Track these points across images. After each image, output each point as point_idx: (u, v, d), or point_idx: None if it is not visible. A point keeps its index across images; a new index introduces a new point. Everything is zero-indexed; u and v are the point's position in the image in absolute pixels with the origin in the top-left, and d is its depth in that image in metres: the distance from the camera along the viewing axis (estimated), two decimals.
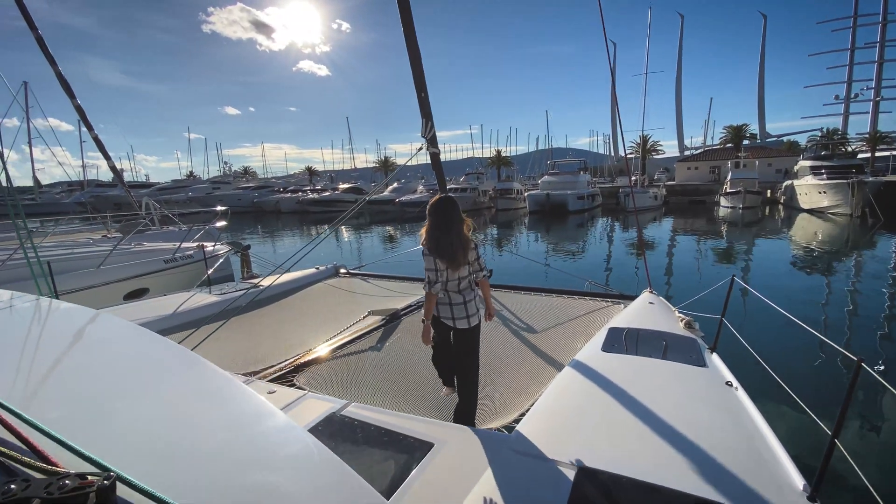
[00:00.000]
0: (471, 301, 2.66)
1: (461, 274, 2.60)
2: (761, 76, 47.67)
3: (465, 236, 2.60)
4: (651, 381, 2.66)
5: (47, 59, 12.02)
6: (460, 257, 2.54)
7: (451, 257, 2.52)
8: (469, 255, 2.60)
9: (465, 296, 2.63)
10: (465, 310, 2.63)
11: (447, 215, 2.57)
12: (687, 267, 14.23)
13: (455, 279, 2.59)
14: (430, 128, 4.98)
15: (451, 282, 2.60)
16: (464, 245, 2.56)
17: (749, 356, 3.09)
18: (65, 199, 47.73)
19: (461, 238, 2.57)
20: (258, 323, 4.83)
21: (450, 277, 2.58)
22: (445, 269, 2.55)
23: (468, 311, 2.64)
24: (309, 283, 6.39)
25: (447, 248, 2.51)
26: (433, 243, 2.54)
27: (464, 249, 2.56)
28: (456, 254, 2.52)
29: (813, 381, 5.46)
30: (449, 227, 2.56)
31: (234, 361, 3.70)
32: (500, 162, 64.13)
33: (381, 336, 4.31)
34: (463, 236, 2.59)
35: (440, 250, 2.52)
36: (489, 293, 2.88)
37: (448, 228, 2.56)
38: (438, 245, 2.53)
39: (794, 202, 30.63)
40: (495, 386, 3.34)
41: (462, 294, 2.63)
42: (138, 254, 7.70)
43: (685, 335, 3.36)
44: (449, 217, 2.57)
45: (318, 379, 3.36)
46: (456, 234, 2.55)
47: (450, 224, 2.56)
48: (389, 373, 3.60)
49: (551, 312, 4.84)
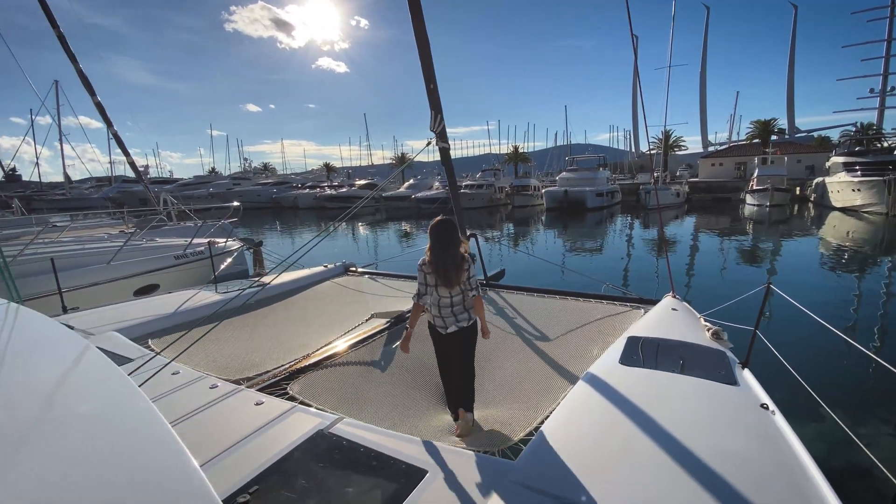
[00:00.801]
0: (461, 313, 2.80)
1: (453, 292, 2.75)
2: (791, 69, 45.85)
3: (459, 256, 2.75)
4: (675, 402, 2.39)
5: (68, 56, 12.20)
6: (453, 276, 2.71)
7: (445, 276, 2.70)
8: (462, 276, 2.73)
9: (454, 309, 2.79)
10: (462, 317, 2.80)
11: (445, 237, 2.74)
12: (712, 269, 13.64)
13: (447, 296, 2.75)
14: (440, 121, 4.76)
15: (444, 298, 2.76)
16: (457, 265, 2.72)
17: (785, 373, 2.79)
18: (93, 194, 48.99)
19: (456, 259, 2.72)
20: (259, 323, 4.68)
21: (441, 294, 2.75)
22: (436, 286, 2.74)
23: (462, 318, 2.80)
24: (316, 281, 6.23)
25: (442, 268, 2.70)
26: (432, 261, 2.73)
27: (457, 270, 2.71)
28: (449, 272, 2.70)
29: (858, 402, 5.00)
30: (446, 247, 2.72)
31: (228, 366, 3.54)
32: (517, 158, 63.45)
33: (383, 341, 4.10)
34: (458, 256, 2.74)
35: (436, 268, 2.71)
36: (483, 312, 2.95)
37: (445, 248, 2.72)
38: (438, 265, 2.71)
39: (826, 200, 29.52)
40: (503, 398, 3.11)
41: (454, 308, 2.78)
42: (149, 250, 7.69)
43: (713, 347, 3.06)
44: (446, 239, 2.73)
45: (313, 388, 3.15)
46: (451, 254, 2.72)
47: (447, 245, 2.73)
48: (388, 383, 3.38)
49: (565, 317, 4.57)
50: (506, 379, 3.37)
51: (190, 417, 2.34)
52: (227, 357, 3.71)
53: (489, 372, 3.50)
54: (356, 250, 20.13)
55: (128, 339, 3.79)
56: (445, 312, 2.78)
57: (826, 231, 20.81)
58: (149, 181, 58.07)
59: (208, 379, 2.82)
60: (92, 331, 3.91)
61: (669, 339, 3.20)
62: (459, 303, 2.79)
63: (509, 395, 3.15)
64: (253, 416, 2.33)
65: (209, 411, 2.40)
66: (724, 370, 2.71)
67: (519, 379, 3.35)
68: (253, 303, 5.17)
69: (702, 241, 19.42)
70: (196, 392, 2.64)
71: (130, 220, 11.91)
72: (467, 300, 2.81)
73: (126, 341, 3.64)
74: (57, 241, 8.12)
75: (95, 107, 13.15)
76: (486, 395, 3.17)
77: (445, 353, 2.89)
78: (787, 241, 18.29)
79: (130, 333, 3.98)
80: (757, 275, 12.52)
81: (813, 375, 2.74)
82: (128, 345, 3.54)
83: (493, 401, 3.11)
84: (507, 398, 3.12)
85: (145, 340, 3.92)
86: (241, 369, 3.42)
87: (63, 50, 12.11)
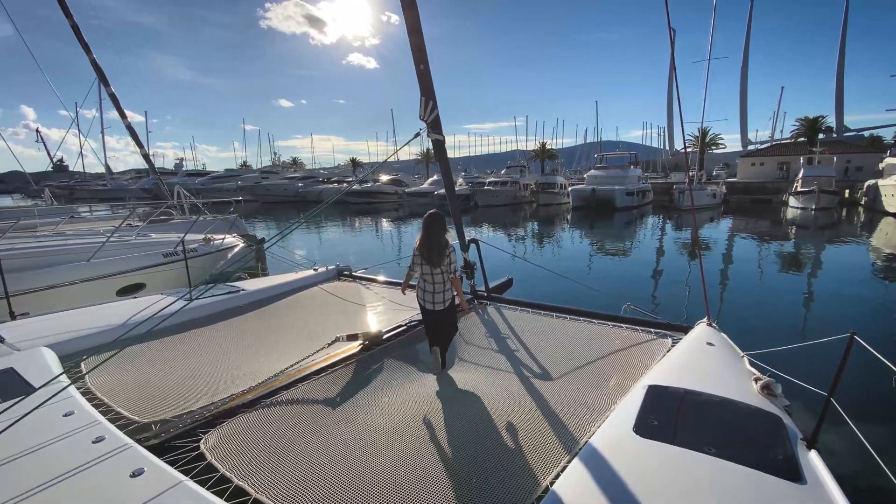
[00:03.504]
0: (439, 293, 3.46)
1: (435, 271, 3.43)
2: (841, 63, 42.69)
3: (443, 243, 3.43)
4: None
5: (82, 46, 12.06)
6: (435, 258, 3.39)
7: (429, 257, 3.40)
8: (443, 259, 3.41)
9: (435, 287, 3.45)
10: (438, 297, 3.46)
11: (432, 227, 3.45)
12: (751, 281, 11.93)
13: (429, 274, 3.45)
14: (432, 109, 4.06)
15: (427, 276, 3.46)
16: (440, 250, 3.41)
17: (864, 456, 2.00)
18: (132, 185, 50.39)
19: (440, 245, 3.42)
20: (213, 341, 3.99)
21: (425, 272, 3.46)
22: (421, 265, 3.46)
23: (438, 298, 3.46)
24: (302, 287, 5.63)
25: (426, 251, 3.42)
26: (422, 246, 3.44)
27: (439, 253, 3.40)
28: (432, 255, 3.40)
29: None
30: (432, 235, 3.43)
31: (144, 403, 2.85)
32: (544, 154, 61.82)
33: (348, 373, 3.37)
34: (442, 243, 3.43)
35: (422, 250, 3.43)
36: (460, 289, 3.90)
37: (431, 236, 3.43)
38: (423, 248, 3.42)
39: (878, 204, 27.41)
40: (484, 468, 2.25)
41: (435, 286, 3.45)
42: (137, 246, 7.25)
43: (763, 409, 2.28)
44: (433, 228, 3.44)
45: (234, 444, 2.41)
46: (436, 241, 3.42)
47: (433, 233, 3.44)
48: (339, 441, 2.48)
49: (576, 346, 3.81)
50: (487, 444, 2.52)
51: (32, 495, 1.73)
52: (151, 388, 3.07)
53: (475, 418, 2.76)
54: (382, 245, 19.70)
55: (58, 356, 3.27)
56: (429, 289, 3.46)
57: (877, 237, 19.14)
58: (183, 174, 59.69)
59: (96, 428, 2.21)
60: (21, 345, 3.40)
61: (703, 392, 2.43)
62: (441, 282, 3.45)
63: (492, 464, 2.33)
64: (113, 497, 1.72)
65: (65, 484, 1.80)
66: (782, 452, 1.94)
67: (511, 432, 2.59)
68: (222, 312, 4.62)
69: (740, 246, 18.02)
70: (71, 449, 2.05)
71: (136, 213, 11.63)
72: (447, 282, 3.47)
73: (49, 361, 3.10)
74: (42, 236, 7.85)
75: (110, 98, 13.04)
76: (465, 456, 2.42)
77: (433, 321, 3.55)
78: (835, 247, 16.76)
79: (65, 349, 3.46)
80: (804, 287, 11.31)
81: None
82: (46, 367, 3.00)
83: (471, 469, 2.29)
84: (487, 471, 2.28)
85: (79, 358, 3.38)
86: (156, 408, 2.77)
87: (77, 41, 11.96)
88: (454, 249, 3.49)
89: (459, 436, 2.54)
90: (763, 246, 17.84)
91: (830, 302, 9.52)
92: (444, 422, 2.70)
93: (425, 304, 3.47)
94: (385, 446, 2.43)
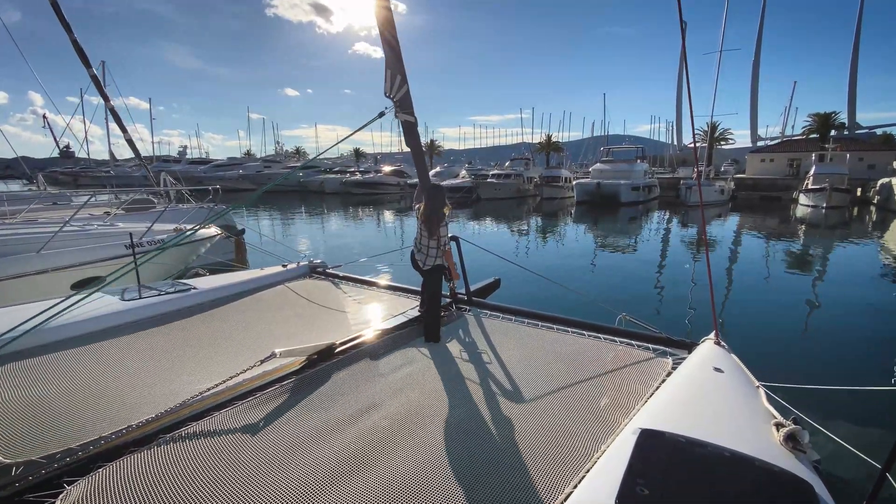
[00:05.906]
0: (430, 258, 3.83)
1: (431, 242, 3.80)
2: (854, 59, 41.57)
3: (441, 215, 3.80)
4: None
5: (63, 25, 11.55)
6: (433, 224, 3.76)
7: (427, 222, 3.78)
8: (437, 227, 3.77)
9: (429, 251, 3.83)
10: (430, 261, 3.84)
11: (433, 199, 3.81)
12: (762, 289, 10.93)
13: (426, 237, 3.80)
14: (400, 85, 3.50)
15: (423, 238, 3.82)
16: (437, 221, 3.77)
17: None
18: (135, 172, 49.95)
19: (438, 215, 3.78)
20: (140, 352, 3.35)
21: (423, 234, 3.82)
22: (420, 228, 3.87)
23: (429, 262, 3.85)
24: (264, 285, 5.07)
25: (425, 217, 3.80)
26: (424, 210, 3.82)
27: (437, 223, 3.77)
28: (431, 221, 3.76)
29: None
30: (433, 206, 3.79)
31: (27, 434, 2.27)
32: (550, 147, 60.87)
33: (281, 400, 2.73)
34: (440, 214, 3.79)
35: (423, 216, 3.83)
36: (451, 259, 4.23)
37: (431, 207, 3.79)
38: (425, 212, 3.81)
39: (891, 203, 26.74)
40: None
41: (429, 250, 3.83)
42: (97, 237, 6.72)
43: (790, 473, 1.74)
44: (434, 201, 3.80)
45: (107, 499, 1.83)
46: (435, 213, 3.77)
47: (434, 204, 3.80)
48: (259, 487, 1.96)
49: (557, 364, 3.25)
50: (433, 487, 2.06)
51: None
52: (39, 414, 2.48)
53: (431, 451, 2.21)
54: (385, 237, 19.22)
55: None
56: (423, 250, 3.83)
57: (889, 237, 18.48)
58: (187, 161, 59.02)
59: None
60: None
61: (709, 443, 1.89)
62: (434, 246, 3.80)
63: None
64: None
65: None
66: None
67: (474, 475, 2.06)
68: (163, 315, 4.09)
69: (747, 246, 17.37)
70: None
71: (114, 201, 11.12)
72: (440, 248, 3.82)
73: None
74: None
75: (91, 79, 12.58)
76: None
77: (424, 278, 3.94)
78: (849, 247, 16.09)
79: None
80: (819, 293, 10.70)
81: None
82: None
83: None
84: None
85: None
86: (33, 443, 2.19)
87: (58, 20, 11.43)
88: (446, 224, 3.87)
89: (397, 488, 2.00)
90: (771, 244, 17.17)
91: (850, 311, 8.86)
92: (385, 464, 2.15)
93: (418, 260, 3.91)
94: (315, 493, 1.90)
